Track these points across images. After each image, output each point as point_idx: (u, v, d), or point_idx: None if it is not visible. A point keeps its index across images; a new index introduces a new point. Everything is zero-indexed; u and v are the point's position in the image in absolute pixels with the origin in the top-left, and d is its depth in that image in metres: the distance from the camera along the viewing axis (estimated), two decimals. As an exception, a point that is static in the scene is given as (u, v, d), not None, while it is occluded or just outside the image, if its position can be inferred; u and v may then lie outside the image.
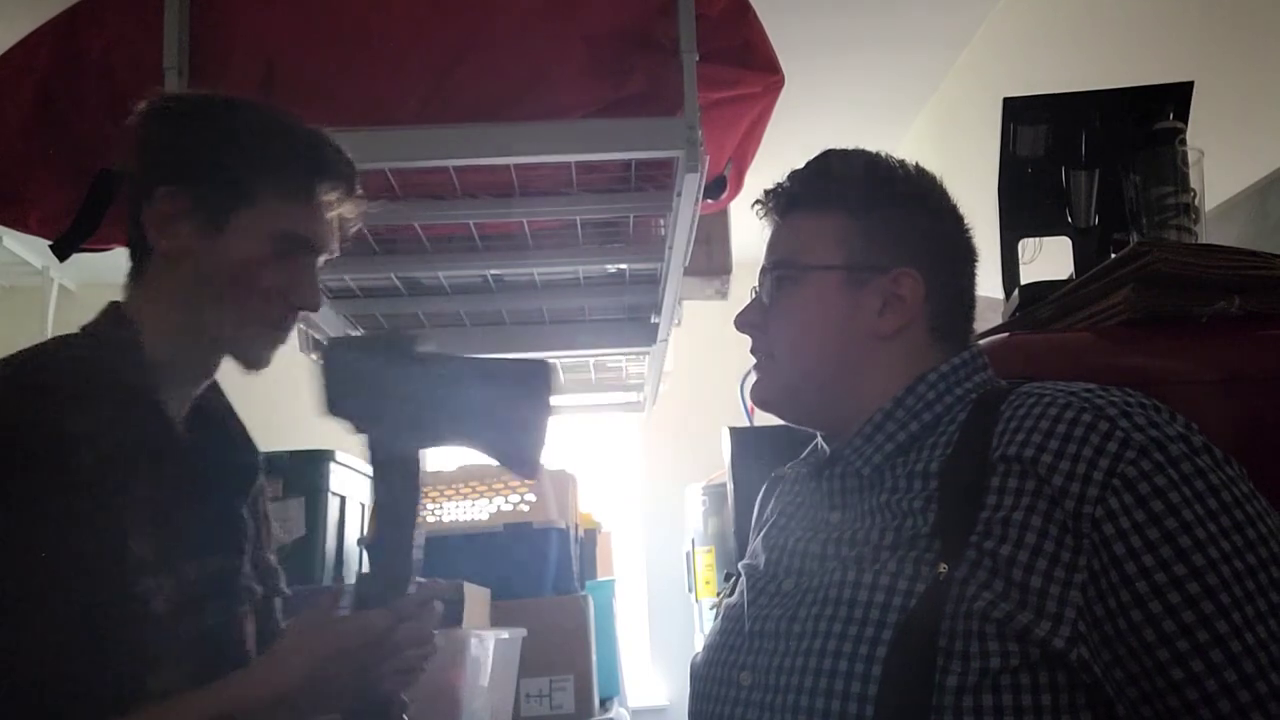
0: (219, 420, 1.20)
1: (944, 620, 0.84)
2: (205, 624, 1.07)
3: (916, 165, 1.08)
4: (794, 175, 1.08)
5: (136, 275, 1.13)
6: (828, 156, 1.09)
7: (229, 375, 1.24)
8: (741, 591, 1.04)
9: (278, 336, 1.15)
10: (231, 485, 1.18)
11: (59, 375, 1.03)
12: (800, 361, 1.05)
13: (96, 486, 0.97)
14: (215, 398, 1.21)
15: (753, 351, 1.09)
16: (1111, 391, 0.92)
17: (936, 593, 0.85)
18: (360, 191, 1.17)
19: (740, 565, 1.10)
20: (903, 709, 0.84)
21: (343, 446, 2.61)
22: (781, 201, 1.08)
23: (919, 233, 1.04)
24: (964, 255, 1.07)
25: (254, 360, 1.14)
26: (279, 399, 2.30)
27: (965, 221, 1.08)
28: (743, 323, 1.09)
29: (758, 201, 1.10)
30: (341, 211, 1.16)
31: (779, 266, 1.06)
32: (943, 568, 0.86)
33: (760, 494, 1.23)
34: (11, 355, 1.05)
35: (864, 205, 1.04)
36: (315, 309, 1.16)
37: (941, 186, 1.08)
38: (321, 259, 1.16)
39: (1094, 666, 0.83)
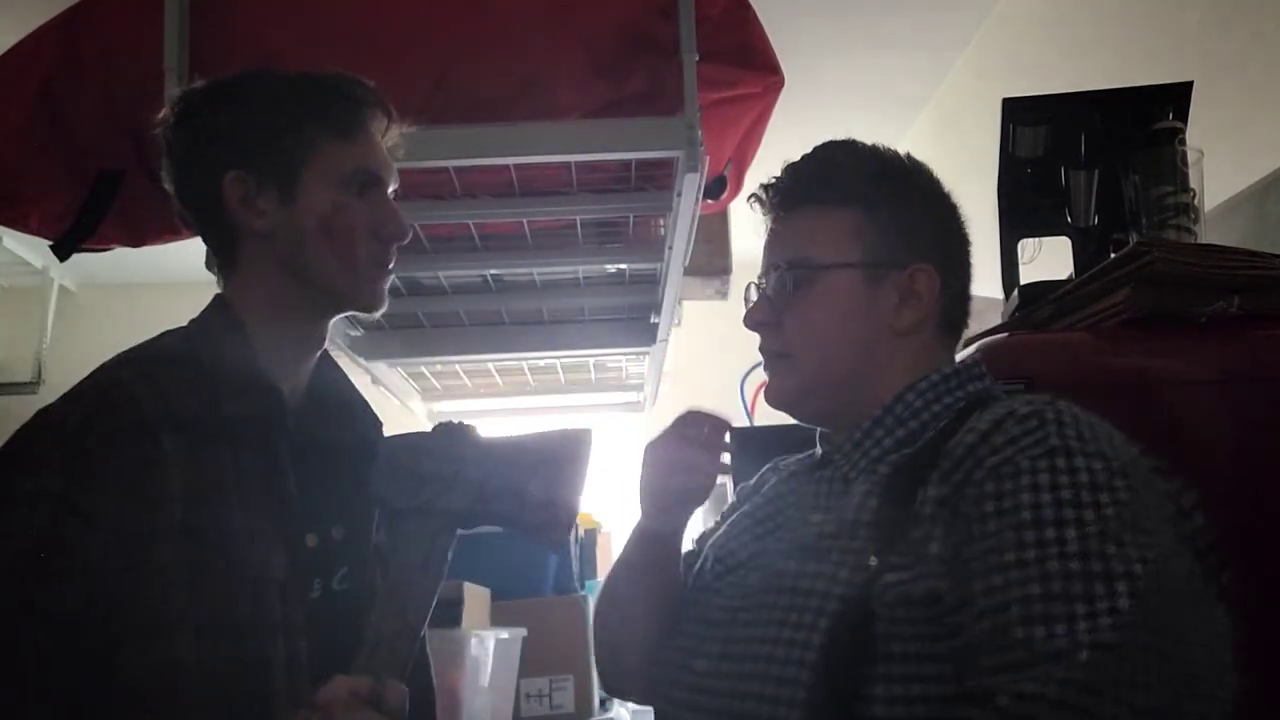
0: (337, 392, 1.23)
1: (875, 608, 0.85)
2: (330, 589, 1.10)
3: (912, 157, 1.07)
4: (795, 170, 1.07)
5: (229, 263, 1.16)
6: (830, 149, 1.07)
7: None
8: (707, 577, 1.06)
9: (384, 274, 1.18)
10: (355, 454, 1.18)
11: (159, 361, 1.08)
12: (821, 359, 1.03)
13: (193, 463, 1.02)
14: (331, 371, 1.24)
15: (761, 350, 1.08)
16: (1076, 408, 0.91)
17: (865, 583, 0.86)
18: (395, 114, 1.20)
19: (708, 547, 1.12)
20: (834, 694, 0.85)
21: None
22: (785, 196, 1.06)
23: (931, 227, 1.03)
24: (968, 249, 1.07)
25: (370, 302, 1.17)
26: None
27: (965, 220, 1.08)
28: (754, 322, 1.07)
29: (754, 196, 1.08)
30: (389, 139, 1.20)
31: (795, 265, 1.03)
32: (873, 560, 0.88)
33: (756, 477, 1.23)
34: (125, 350, 1.10)
35: (876, 200, 1.03)
36: (405, 237, 1.18)
37: (939, 179, 1.08)
38: (390, 189, 1.19)
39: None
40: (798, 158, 1.08)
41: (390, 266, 1.19)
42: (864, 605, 0.86)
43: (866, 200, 1.03)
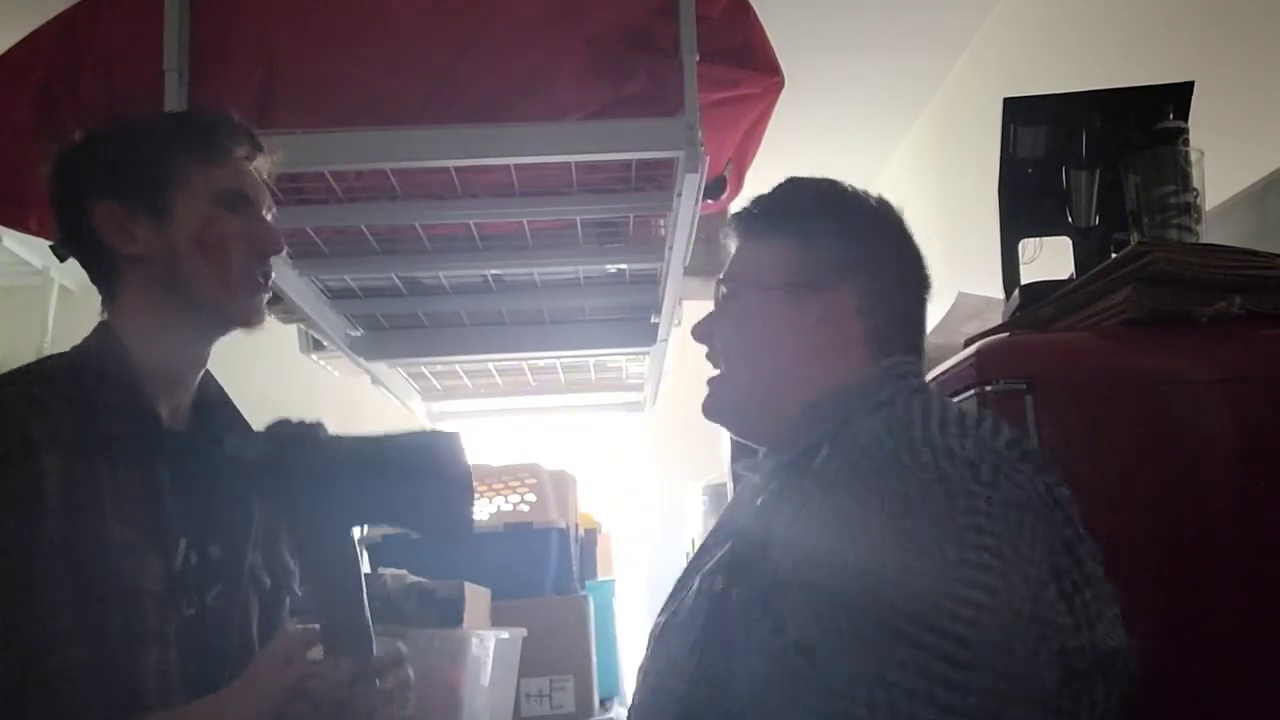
0: (223, 417, 1.26)
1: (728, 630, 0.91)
2: (203, 606, 1.13)
3: (879, 196, 1.11)
4: (756, 200, 1.13)
5: (109, 292, 1.19)
6: (788, 183, 1.13)
7: (223, 374, 1.27)
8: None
9: (259, 288, 1.21)
10: (233, 474, 1.20)
11: (35, 382, 1.10)
12: (739, 375, 1.09)
13: (69, 479, 1.04)
14: (216, 396, 1.27)
15: (707, 359, 1.14)
16: (948, 429, 0.90)
17: (717, 603, 0.94)
18: (264, 147, 1.24)
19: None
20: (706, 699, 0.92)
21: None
22: (743, 224, 1.13)
23: (861, 256, 1.07)
24: (909, 280, 1.10)
25: (248, 317, 1.20)
26: (277, 397, 2.30)
27: (919, 253, 1.11)
28: (696, 333, 1.14)
29: (727, 225, 1.15)
30: (257, 165, 1.23)
31: (726, 281, 1.12)
32: (719, 584, 0.95)
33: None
34: (8, 371, 1.12)
35: (809, 230, 1.08)
36: (279, 250, 1.22)
37: (899, 216, 1.11)
38: (264, 210, 1.22)
39: None
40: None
41: (268, 281, 1.22)
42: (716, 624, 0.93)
43: (798, 229, 1.09)
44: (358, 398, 3.27)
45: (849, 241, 1.08)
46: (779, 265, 1.08)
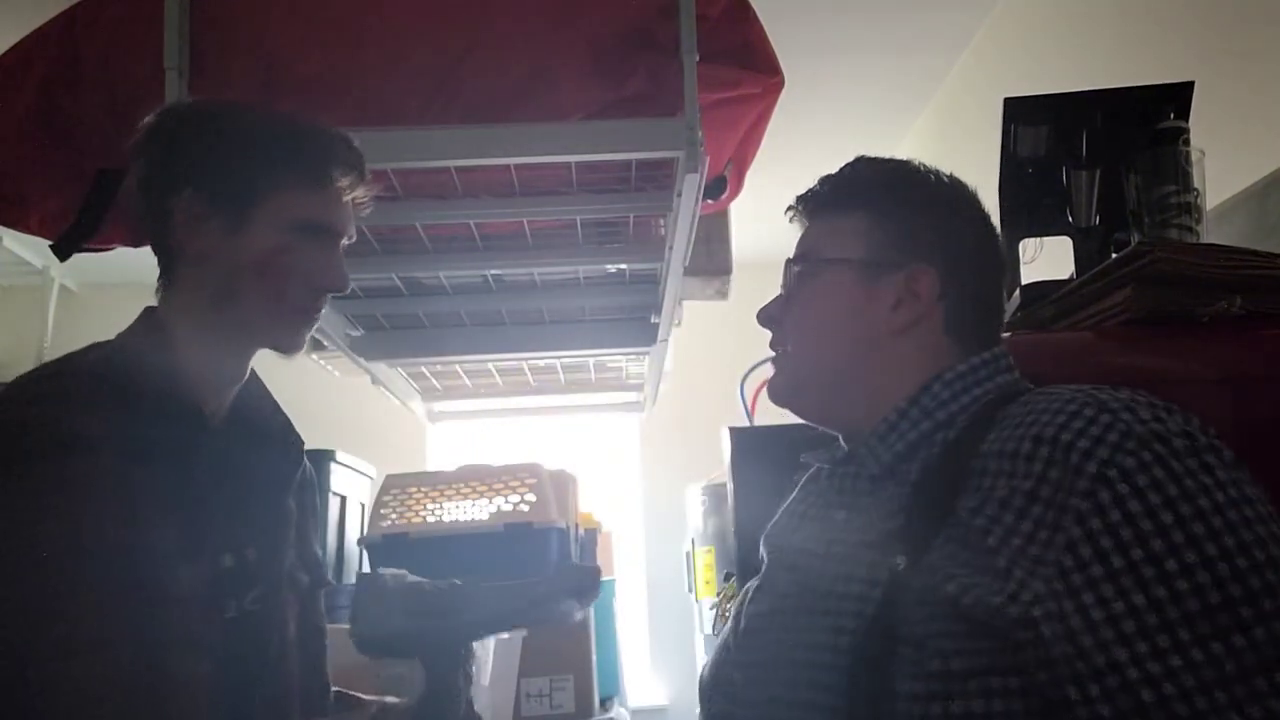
0: (262, 415, 1.25)
1: (902, 611, 0.85)
2: (243, 609, 1.12)
3: (951, 175, 1.09)
4: (824, 179, 1.10)
5: (168, 278, 1.18)
6: (856, 161, 1.11)
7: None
8: (747, 591, 1.05)
9: (309, 319, 1.20)
10: (273, 477, 1.23)
11: (81, 377, 1.07)
12: (813, 354, 1.06)
13: (115, 480, 1.01)
14: (259, 394, 1.26)
15: (771, 346, 1.10)
16: (1121, 390, 0.90)
17: (893, 586, 0.86)
18: (369, 175, 1.22)
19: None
20: (868, 700, 0.85)
21: (343, 446, 2.61)
22: (810, 204, 1.10)
23: (939, 233, 1.04)
24: (988, 260, 1.07)
25: (289, 345, 1.19)
26: (277, 397, 2.29)
27: (995, 231, 1.09)
28: (762, 316, 1.10)
29: (791, 207, 1.12)
30: (355, 195, 1.21)
31: (798, 261, 1.08)
32: (899, 560, 0.87)
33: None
34: (46, 362, 1.10)
35: (885, 205, 1.05)
36: (343, 289, 1.20)
37: (973, 195, 1.09)
38: (343, 242, 1.21)
39: (1049, 646, 0.80)
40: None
41: (317, 314, 1.21)
42: (895, 610, 0.86)
43: (875, 204, 1.06)
44: (358, 398, 3.27)
45: (924, 218, 1.05)
46: (854, 240, 1.04)
